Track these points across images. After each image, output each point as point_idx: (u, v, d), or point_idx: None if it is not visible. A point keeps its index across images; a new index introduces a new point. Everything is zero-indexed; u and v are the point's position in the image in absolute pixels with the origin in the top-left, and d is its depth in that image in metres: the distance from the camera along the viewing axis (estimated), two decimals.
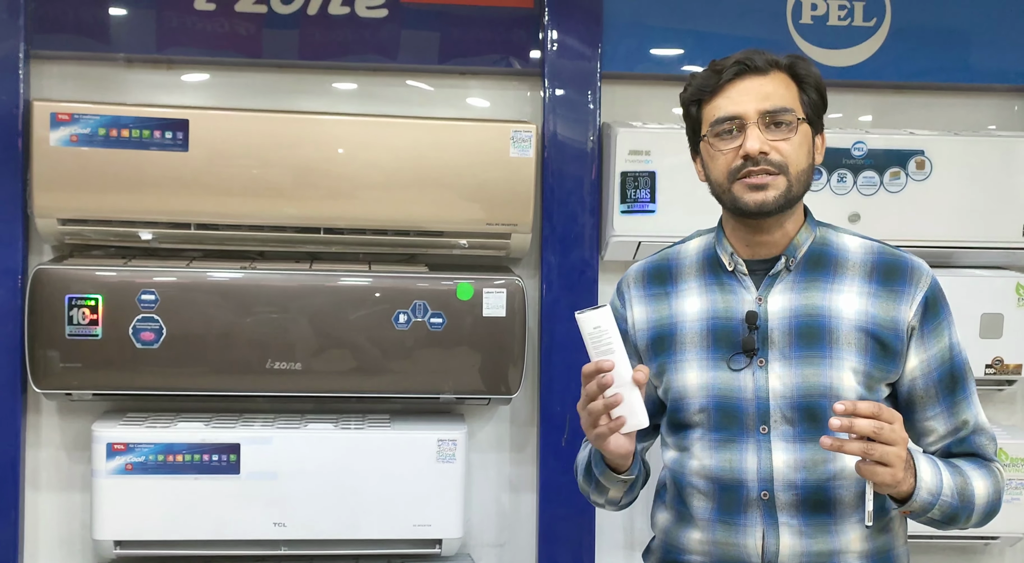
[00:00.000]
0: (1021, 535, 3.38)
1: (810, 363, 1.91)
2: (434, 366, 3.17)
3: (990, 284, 3.34)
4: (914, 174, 3.30)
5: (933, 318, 1.95)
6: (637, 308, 2.05)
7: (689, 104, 1.98)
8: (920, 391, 1.95)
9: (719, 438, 1.94)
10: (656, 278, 2.06)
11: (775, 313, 1.93)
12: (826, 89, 1.98)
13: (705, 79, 1.94)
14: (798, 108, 1.92)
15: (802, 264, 1.96)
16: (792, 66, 1.94)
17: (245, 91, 3.31)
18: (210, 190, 3.09)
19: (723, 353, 1.94)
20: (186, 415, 3.21)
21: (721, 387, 1.93)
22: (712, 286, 1.99)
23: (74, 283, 3.04)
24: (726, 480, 1.92)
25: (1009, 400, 3.57)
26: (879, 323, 1.92)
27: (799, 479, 1.90)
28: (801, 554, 1.91)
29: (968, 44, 3.45)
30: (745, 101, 1.89)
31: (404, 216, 3.17)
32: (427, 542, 3.20)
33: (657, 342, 2.01)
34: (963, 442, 1.97)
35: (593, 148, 3.29)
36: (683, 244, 2.09)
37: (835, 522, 1.92)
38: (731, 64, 1.91)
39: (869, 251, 1.98)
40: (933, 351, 1.95)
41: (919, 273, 1.96)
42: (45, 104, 3.04)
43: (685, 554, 2.00)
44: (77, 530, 3.30)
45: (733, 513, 1.93)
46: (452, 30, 3.31)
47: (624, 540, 3.48)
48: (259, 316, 3.10)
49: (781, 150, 1.89)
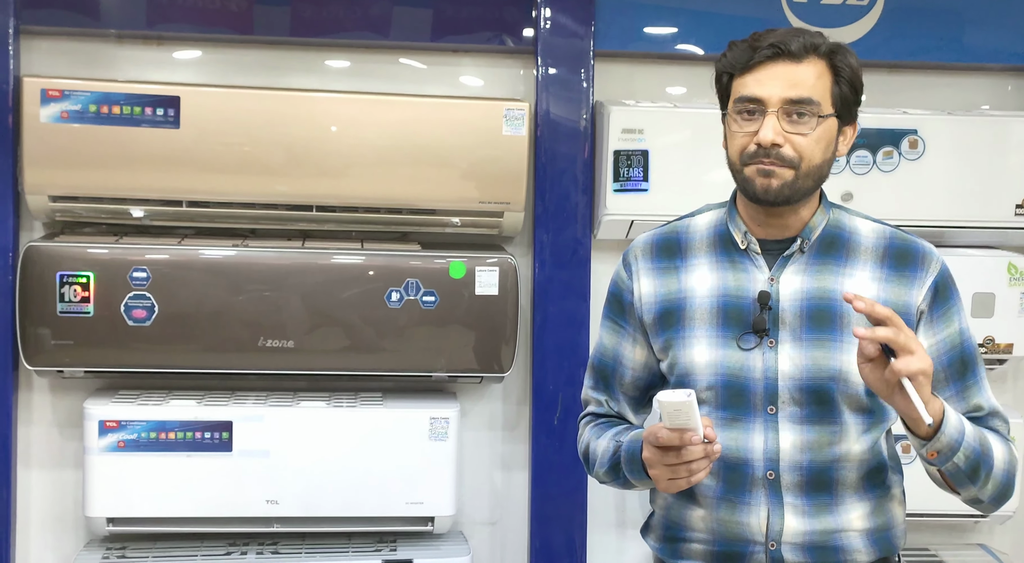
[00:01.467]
0: (1011, 513, 3.40)
1: (821, 346, 1.90)
2: (427, 344, 3.17)
3: (982, 263, 3.34)
4: (907, 153, 3.30)
5: (943, 303, 1.95)
6: (644, 280, 2.03)
7: (722, 74, 1.95)
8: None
9: (726, 417, 1.93)
10: (665, 251, 2.04)
11: (787, 294, 1.93)
12: (862, 81, 1.94)
13: (740, 54, 1.90)
14: (826, 100, 1.89)
15: (816, 246, 1.95)
16: (831, 55, 1.90)
17: (237, 68, 3.30)
18: (202, 167, 3.08)
19: (733, 332, 1.93)
20: (178, 393, 3.21)
21: (730, 366, 1.93)
22: (724, 263, 1.98)
23: (65, 260, 3.03)
24: (732, 459, 1.92)
25: (1000, 379, 3.58)
26: (891, 307, 1.91)
27: (805, 460, 1.91)
28: (804, 532, 1.92)
29: (962, 23, 3.44)
30: (772, 85, 1.86)
31: (397, 194, 3.16)
32: (419, 520, 3.21)
33: (664, 316, 2.00)
34: (978, 424, 1.94)
35: (586, 126, 3.28)
36: (692, 218, 2.07)
37: (837, 502, 1.93)
38: (767, 45, 1.87)
39: (882, 235, 1.98)
40: (942, 335, 1.94)
41: (930, 258, 1.96)
42: (35, 80, 3.03)
43: (687, 531, 2.01)
44: (69, 507, 3.30)
45: (738, 492, 1.93)
46: (445, 7, 3.29)
47: (616, 518, 3.49)
48: (251, 294, 3.10)
49: (796, 144, 1.86)
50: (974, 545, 3.60)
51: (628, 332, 2.06)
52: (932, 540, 3.56)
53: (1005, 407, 3.46)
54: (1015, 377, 3.61)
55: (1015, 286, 3.33)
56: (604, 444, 2.03)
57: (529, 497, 3.40)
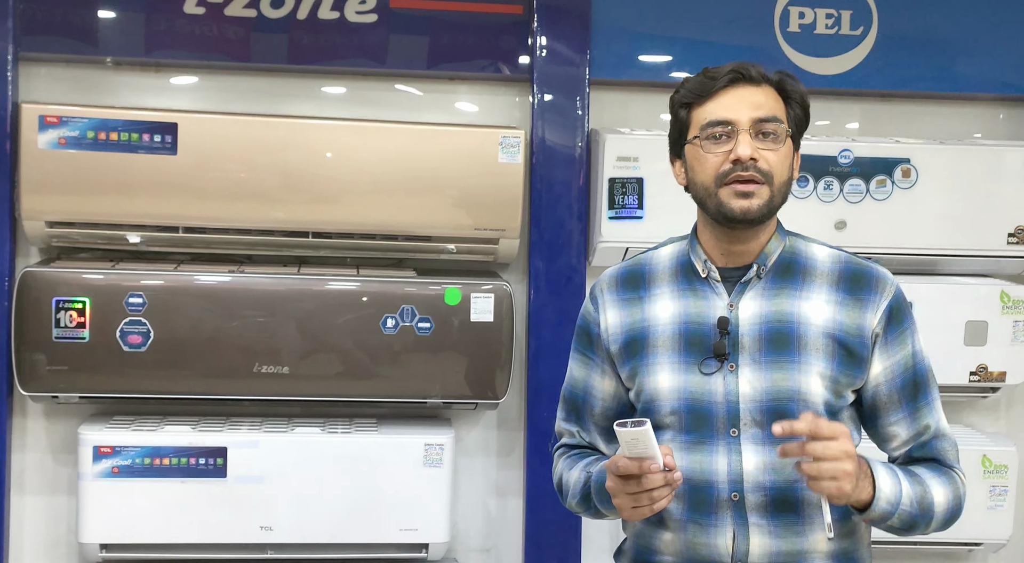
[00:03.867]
0: (1004, 541, 3.40)
1: (779, 368, 1.94)
2: (421, 370, 3.18)
3: (975, 292, 3.35)
4: (900, 182, 3.32)
5: (897, 326, 1.98)
6: (611, 312, 2.07)
7: (679, 107, 2.00)
8: (883, 397, 1.99)
9: (690, 440, 1.96)
10: (630, 283, 2.08)
11: (746, 319, 1.96)
12: (810, 107, 2.02)
13: (699, 84, 1.97)
14: (786, 121, 1.96)
15: (772, 272, 1.99)
16: (780, 82, 1.98)
17: (234, 95, 3.31)
18: (198, 193, 3.09)
19: (695, 357, 1.97)
20: (173, 418, 3.21)
21: (692, 390, 1.96)
22: (685, 291, 2.01)
23: (61, 286, 3.04)
24: (697, 481, 1.95)
25: (993, 407, 3.59)
26: (846, 330, 1.95)
27: (768, 481, 1.93)
28: (770, 554, 1.93)
29: (954, 53, 3.47)
30: (738, 108, 1.93)
31: (392, 220, 3.17)
32: (414, 546, 3.20)
33: (630, 345, 2.03)
34: (924, 447, 2.00)
35: (581, 154, 3.30)
36: (656, 250, 2.12)
37: (802, 523, 1.94)
38: (726, 72, 1.94)
39: (836, 260, 2.02)
40: (897, 358, 1.98)
41: (884, 282, 2.00)
42: (34, 106, 3.04)
43: (656, 555, 2.02)
44: (63, 533, 3.29)
45: (704, 513, 1.95)
46: (441, 35, 3.31)
47: (610, 545, 3.47)
48: (246, 320, 3.10)
49: (768, 160, 1.92)
50: None
51: (597, 364, 2.10)
52: None
53: (997, 435, 3.50)
54: (1008, 405, 3.61)
55: (1008, 314, 3.34)
56: (576, 475, 2.07)
57: (523, 524, 3.39)
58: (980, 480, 3.32)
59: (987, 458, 3.34)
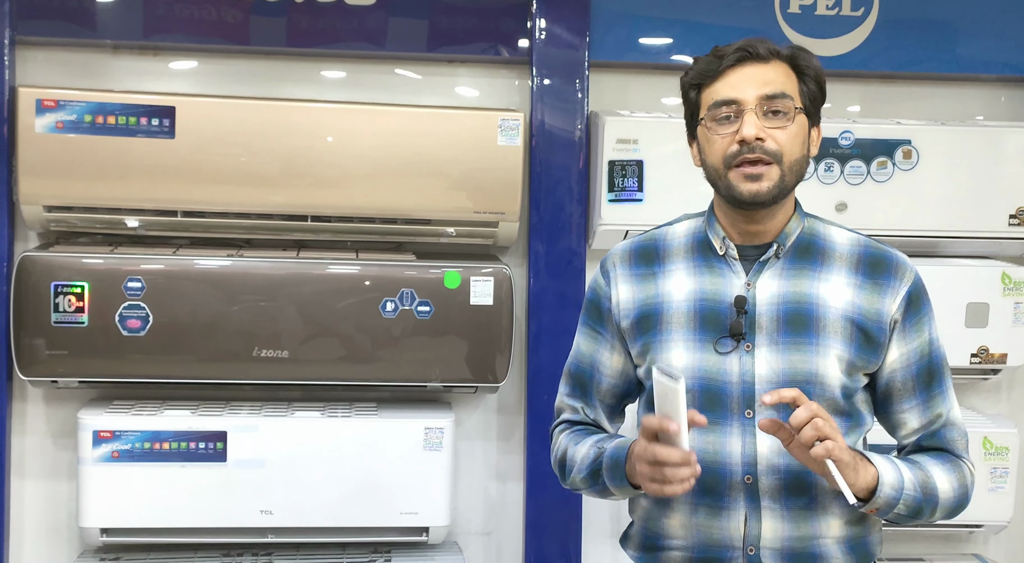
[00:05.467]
0: (1005, 523, 3.40)
1: (797, 349, 1.91)
2: (421, 354, 3.17)
3: (976, 273, 3.35)
4: (901, 164, 3.31)
5: (915, 313, 1.97)
6: (622, 287, 2.04)
7: (689, 88, 1.98)
8: (898, 383, 1.97)
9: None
10: (643, 258, 2.05)
11: (763, 299, 1.94)
12: (825, 81, 1.99)
13: (706, 64, 1.94)
14: (796, 97, 1.93)
15: (791, 252, 1.97)
16: (793, 57, 1.95)
17: (232, 78, 3.30)
18: (197, 177, 3.08)
19: (709, 336, 1.94)
20: (173, 403, 3.20)
21: (707, 370, 1.93)
22: (701, 268, 1.99)
23: (60, 270, 3.03)
24: (710, 463, 1.91)
25: (994, 389, 3.59)
26: (864, 313, 1.93)
27: (783, 464, 1.91)
28: (782, 538, 1.92)
29: (956, 34, 3.46)
30: (745, 86, 1.90)
31: (392, 204, 3.16)
32: (414, 530, 3.21)
33: (642, 321, 2.00)
34: (934, 436, 1.99)
35: (581, 137, 3.29)
36: (670, 226, 2.09)
37: (815, 508, 1.93)
38: (733, 50, 1.92)
39: (856, 244, 2.00)
40: (913, 345, 1.97)
41: (904, 268, 1.98)
42: (31, 90, 3.03)
43: (665, 539, 2.01)
44: (63, 518, 3.29)
45: (716, 496, 1.93)
46: (440, 18, 3.30)
47: (611, 528, 3.48)
48: (246, 304, 3.10)
49: (777, 138, 1.89)
50: (969, 555, 3.60)
51: (606, 339, 2.07)
52: (927, 550, 3.57)
53: (998, 417, 3.50)
54: (1009, 387, 3.61)
55: (1009, 296, 3.33)
56: (584, 450, 2.03)
57: (524, 507, 3.40)
58: (981, 462, 3.31)
59: (988, 440, 3.34)
